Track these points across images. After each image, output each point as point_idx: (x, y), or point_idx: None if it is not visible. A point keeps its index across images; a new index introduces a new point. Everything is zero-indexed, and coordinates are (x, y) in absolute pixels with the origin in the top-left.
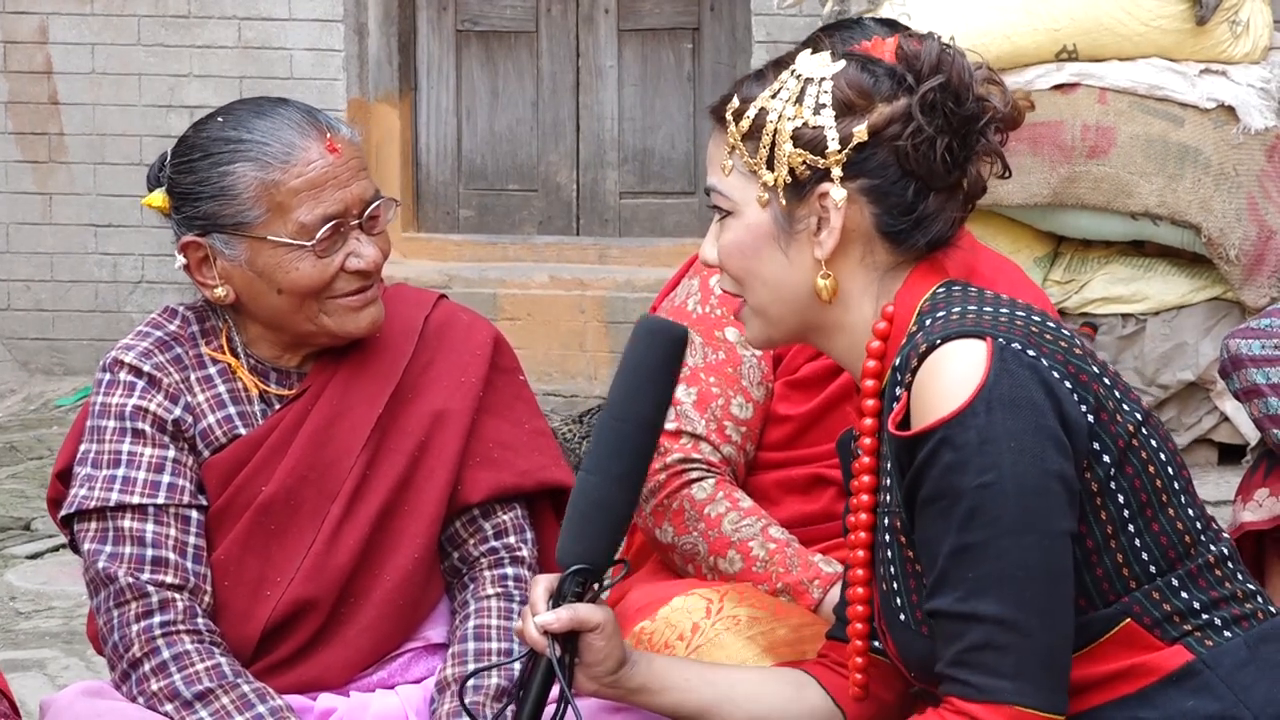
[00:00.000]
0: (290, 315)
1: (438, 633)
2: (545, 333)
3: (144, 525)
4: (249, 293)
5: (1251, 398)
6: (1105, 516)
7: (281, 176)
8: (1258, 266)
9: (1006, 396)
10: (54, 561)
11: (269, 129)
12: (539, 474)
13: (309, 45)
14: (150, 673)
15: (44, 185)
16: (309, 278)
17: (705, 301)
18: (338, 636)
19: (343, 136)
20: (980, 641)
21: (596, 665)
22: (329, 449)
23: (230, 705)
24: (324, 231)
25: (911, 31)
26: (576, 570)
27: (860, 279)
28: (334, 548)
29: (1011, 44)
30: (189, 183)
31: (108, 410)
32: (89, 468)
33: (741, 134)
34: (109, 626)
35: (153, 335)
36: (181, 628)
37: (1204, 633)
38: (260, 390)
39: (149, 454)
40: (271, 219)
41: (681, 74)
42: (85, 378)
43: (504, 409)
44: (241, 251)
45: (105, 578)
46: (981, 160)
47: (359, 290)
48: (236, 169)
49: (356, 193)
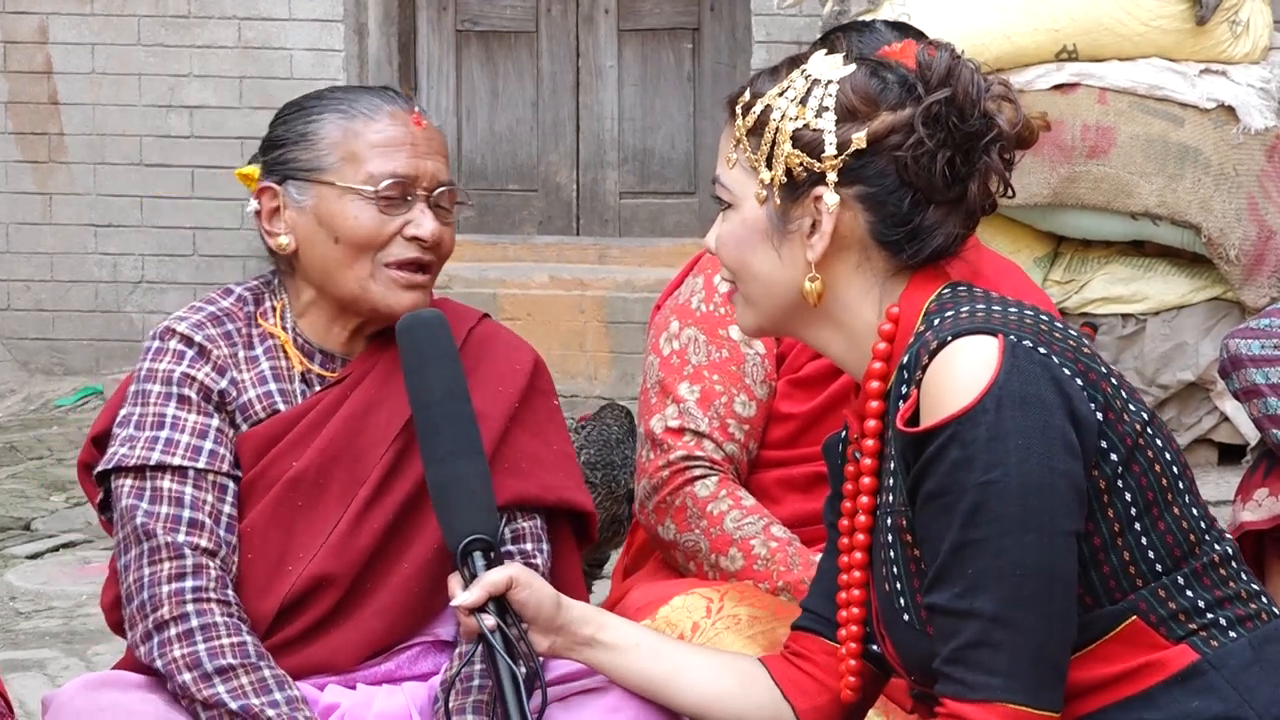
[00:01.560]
0: (342, 270)
1: (447, 630)
2: (545, 333)
3: (183, 487)
4: (309, 242)
5: (1251, 398)
6: (1112, 514)
7: (363, 128)
8: (1258, 266)
9: (1017, 393)
10: (54, 561)
11: (363, 94)
12: (561, 491)
13: (309, 45)
14: (175, 638)
15: (44, 185)
16: (366, 229)
17: (709, 300)
18: (351, 618)
19: (430, 120)
20: (975, 638)
21: (536, 616)
22: (363, 435)
23: (249, 686)
24: (389, 185)
25: (931, 40)
26: (466, 546)
27: (858, 284)
28: (358, 529)
29: (1011, 44)
30: (279, 132)
31: (154, 375)
32: (131, 429)
33: (747, 129)
34: (139, 583)
35: (206, 310)
36: (213, 596)
37: (1209, 632)
38: (304, 370)
39: (193, 420)
40: (345, 167)
41: (681, 74)
42: (85, 378)
43: (536, 427)
44: (310, 198)
45: (143, 533)
46: (987, 177)
47: (412, 263)
48: (324, 118)
49: (430, 167)
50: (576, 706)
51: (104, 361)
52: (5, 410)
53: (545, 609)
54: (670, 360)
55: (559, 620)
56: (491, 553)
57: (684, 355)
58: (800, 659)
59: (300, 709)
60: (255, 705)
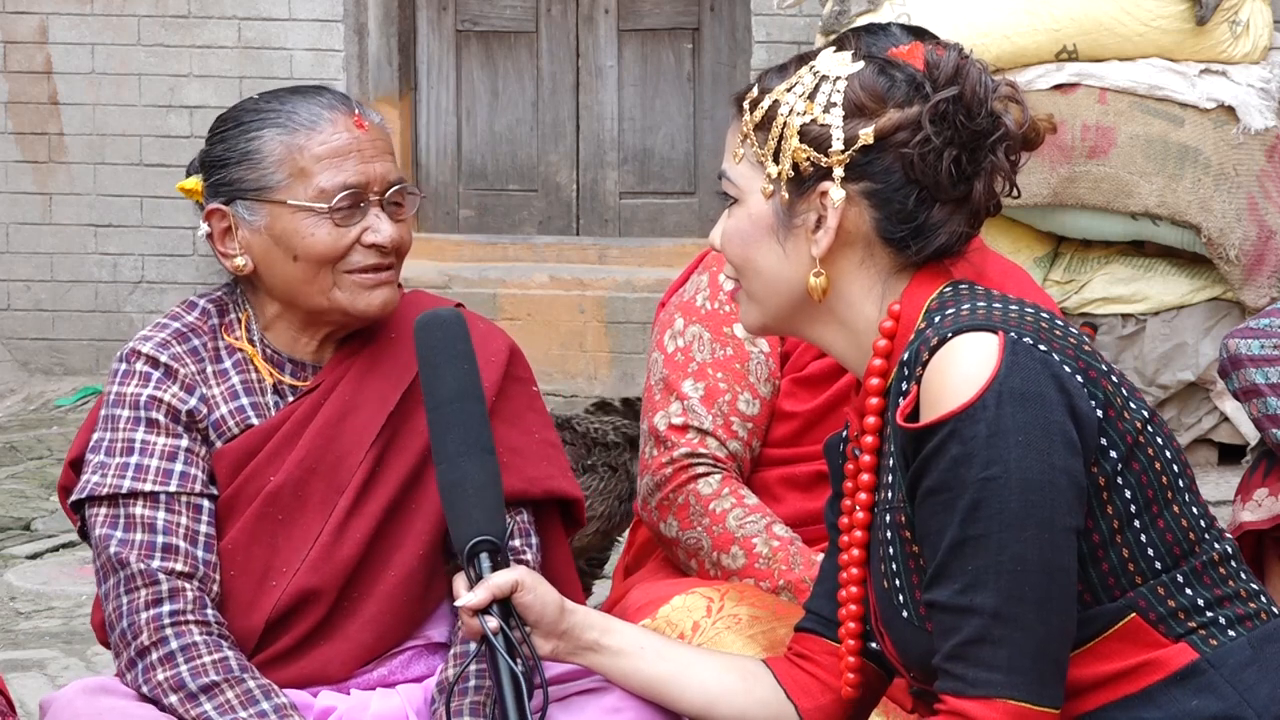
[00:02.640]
0: (304, 286)
1: (439, 632)
2: (545, 333)
3: (155, 513)
4: (266, 261)
5: (1250, 397)
6: (1111, 511)
7: (305, 142)
8: (1258, 266)
9: (1017, 390)
10: (54, 561)
11: (299, 102)
12: (546, 482)
13: (309, 45)
14: (157, 662)
15: (44, 185)
16: (324, 244)
17: (714, 298)
18: (340, 630)
19: (371, 118)
20: (975, 635)
21: (539, 620)
22: (339, 442)
23: (235, 700)
24: (342, 198)
25: (939, 40)
26: (474, 547)
27: (861, 280)
28: (341, 539)
29: (1011, 44)
30: (219, 151)
31: (122, 400)
32: (102, 455)
33: (754, 124)
34: (117, 613)
35: (170, 326)
36: (191, 618)
37: (1208, 631)
38: (275, 381)
39: (162, 443)
40: (293, 183)
41: (681, 74)
42: (85, 378)
43: (515, 418)
44: (262, 218)
45: (117, 563)
46: (993, 177)
47: (374, 268)
48: (264, 134)
49: (379, 170)
50: (576, 706)
51: (104, 361)
52: (5, 410)
53: (549, 613)
54: (674, 357)
55: (562, 625)
56: (498, 554)
57: (688, 352)
58: (803, 660)
59: (289, 715)
60: (244, 718)
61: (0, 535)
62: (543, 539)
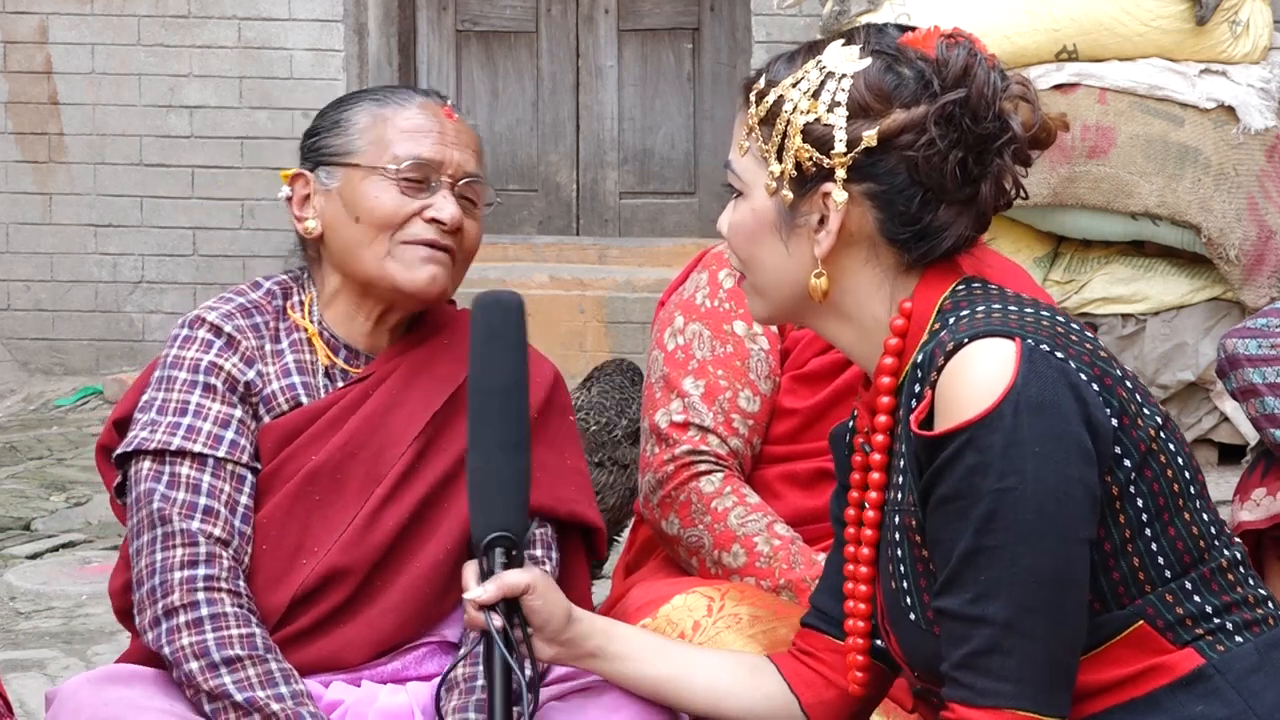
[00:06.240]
0: (361, 250)
1: (454, 632)
2: (545, 333)
3: (201, 475)
4: (333, 225)
5: (1248, 397)
6: (1124, 520)
7: (392, 114)
8: (1258, 266)
9: (1034, 400)
10: (54, 561)
11: (400, 89)
12: (571, 504)
13: (309, 45)
14: (184, 625)
15: (44, 185)
16: (386, 208)
17: (714, 295)
18: (361, 614)
19: (462, 117)
20: (986, 645)
21: (544, 625)
22: (383, 432)
23: (255, 678)
24: (410, 166)
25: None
26: (492, 541)
27: (867, 278)
28: (374, 524)
29: (1011, 44)
30: (316, 123)
31: (180, 362)
32: (153, 413)
33: (759, 118)
34: (150, 568)
35: (236, 301)
36: (224, 586)
37: (1215, 637)
38: (328, 364)
39: (217, 409)
40: (373, 151)
41: (681, 74)
42: (85, 378)
43: (551, 441)
44: (337, 180)
45: (159, 518)
46: (1000, 178)
47: (430, 243)
48: (359, 106)
49: (456, 157)
50: (576, 706)
51: (104, 361)
52: (5, 410)
53: (555, 620)
54: (675, 355)
55: (566, 634)
56: (514, 551)
57: (689, 350)
58: (808, 656)
59: (305, 703)
60: (260, 698)
61: (0, 535)
62: (562, 558)
